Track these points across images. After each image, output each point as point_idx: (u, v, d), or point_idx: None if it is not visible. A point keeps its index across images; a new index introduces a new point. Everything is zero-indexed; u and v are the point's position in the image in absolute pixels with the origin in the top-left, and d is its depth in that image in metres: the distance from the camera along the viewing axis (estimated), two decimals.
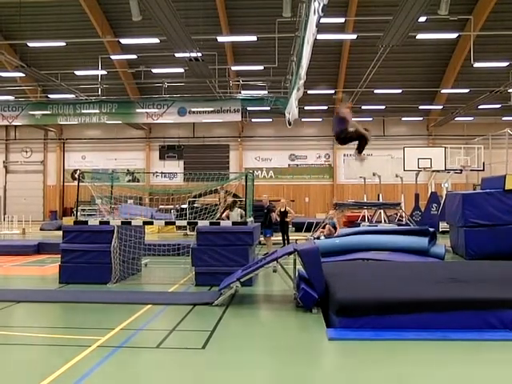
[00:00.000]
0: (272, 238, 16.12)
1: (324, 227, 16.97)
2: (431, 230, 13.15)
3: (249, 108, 28.70)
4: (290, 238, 16.95)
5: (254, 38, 24.03)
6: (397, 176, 25.37)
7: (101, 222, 11.11)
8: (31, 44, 24.89)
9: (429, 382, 5.13)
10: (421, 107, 33.57)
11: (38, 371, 5.24)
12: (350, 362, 5.66)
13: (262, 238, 15.48)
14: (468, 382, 5.16)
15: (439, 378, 5.19)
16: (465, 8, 25.52)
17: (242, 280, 8.50)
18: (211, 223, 10.97)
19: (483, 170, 25.01)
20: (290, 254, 8.44)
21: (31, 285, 10.93)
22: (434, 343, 6.14)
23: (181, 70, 25.84)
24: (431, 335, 6.35)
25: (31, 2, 25.09)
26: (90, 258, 10.75)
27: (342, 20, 25.04)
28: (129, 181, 36.76)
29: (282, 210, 16.77)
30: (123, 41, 26.05)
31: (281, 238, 16.91)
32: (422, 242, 12.54)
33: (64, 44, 25.16)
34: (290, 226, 17.64)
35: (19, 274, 12.58)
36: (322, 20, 7.92)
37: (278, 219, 16.59)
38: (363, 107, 32.65)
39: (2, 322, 7.64)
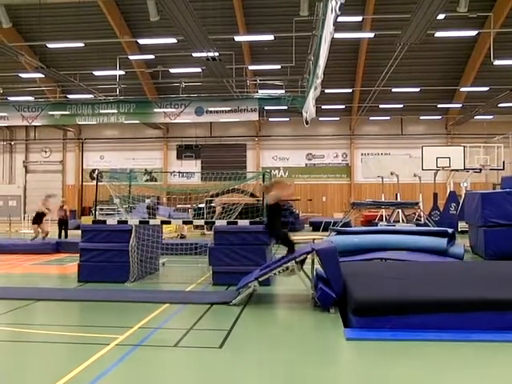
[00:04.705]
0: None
1: None
2: (450, 231, 13.01)
3: (266, 107, 28.73)
4: (307, 237, 16.89)
5: (271, 37, 24.04)
6: (415, 175, 25.18)
7: (119, 222, 11.17)
8: (50, 45, 25.15)
9: (448, 383, 5.08)
10: (439, 106, 33.29)
11: (57, 369, 5.28)
12: (368, 362, 5.61)
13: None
14: None
15: (460, 380, 5.13)
16: (484, 5, 25.25)
17: (260, 279, 8.48)
18: (228, 222, 10.98)
19: (503, 169, 24.73)
20: (308, 253, 8.41)
21: (50, 283, 11.06)
22: (455, 344, 6.06)
23: (198, 69, 25.94)
24: (452, 336, 6.26)
25: (50, 3, 25.38)
26: (108, 257, 10.81)
27: (359, 18, 24.95)
28: (146, 180, 37.00)
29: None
30: (141, 41, 26.27)
31: (298, 237, 16.86)
32: (440, 242, 12.42)
33: (83, 45, 25.40)
34: (307, 225, 17.54)
35: (39, 273, 12.70)
36: (340, 19, 7.90)
37: None
38: (381, 106, 32.49)
39: (21, 320, 7.73)
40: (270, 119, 35.68)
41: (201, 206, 17.17)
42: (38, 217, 17.18)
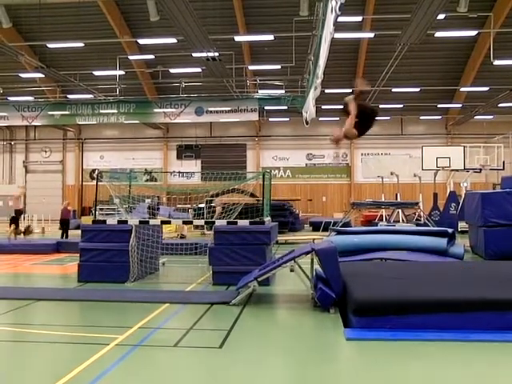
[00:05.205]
0: (288, 238, 16.05)
1: None
2: (450, 231, 13.01)
3: (266, 107, 28.75)
4: (307, 237, 16.87)
5: (271, 37, 24.05)
6: (415, 175, 25.19)
7: (119, 222, 11.17)
8: (50, 45, 25.16)
9: (448, 383, 5.07)
10: (439, 106, 33.27)
11: (57, 369, 5.28)
12: (368, 362, 5.61)
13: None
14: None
15: (460, 380, 5.13)
16: (484, 5, 25.26)
17: (259, 279, 8.47)
18: (228, 222, 10.98)
19: (503, 169, 24.73)
20: (307, 253, 8.40)
21: (50, 283, 11.04)
22: (455, 344, 6.06)
23: (198, 69, 25.94)
24: (452, 336, 6.26)
25: (50, 3, 25.39)
26: (108, 256, 10.81)
27: (359, 18, 24.95)
28: (146, 180, 37.00)
29: None
30: (141, 41, 26.27)
31: (298, 237, 16.85)
32: (440, 242, 12.41)
33: (82, 45, 25.40)
34: (307, 225, 17.51)
35: (39, 273, 12.72)
36: (340, 19, 7.88)
37: None
38: (381, 106, 32.41)
39: (21, 320, 7.74)
40: (270, 119, 35.66)
41: (201, 206, 17.17)
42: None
